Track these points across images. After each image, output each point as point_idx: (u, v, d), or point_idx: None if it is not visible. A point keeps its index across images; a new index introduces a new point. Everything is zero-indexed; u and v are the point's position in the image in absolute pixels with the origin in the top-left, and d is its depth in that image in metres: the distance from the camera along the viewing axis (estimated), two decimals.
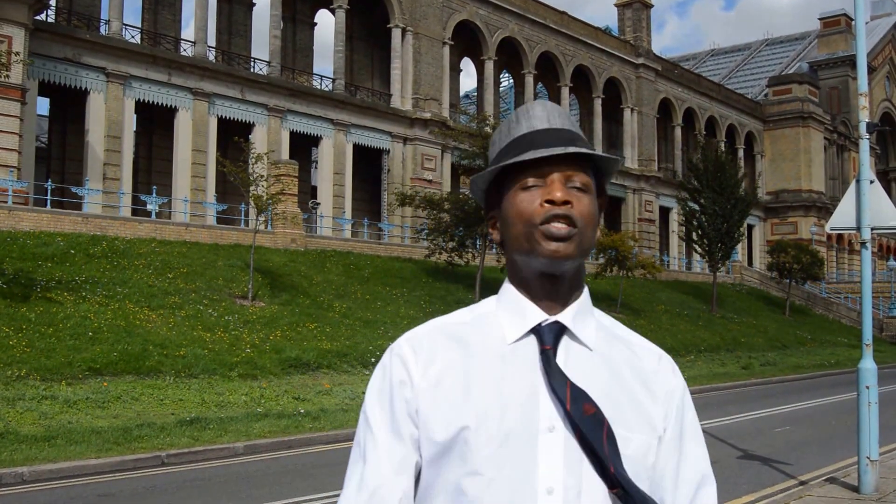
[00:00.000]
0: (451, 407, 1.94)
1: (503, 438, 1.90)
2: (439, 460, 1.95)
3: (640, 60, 77.73)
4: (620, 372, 2.02)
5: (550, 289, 2.02)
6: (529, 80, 67.82)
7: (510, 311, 2.05)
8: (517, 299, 2.05)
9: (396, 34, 57.54)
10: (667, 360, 2.12)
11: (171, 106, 46.55)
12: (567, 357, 1.99)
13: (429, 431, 1.95)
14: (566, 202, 1.95)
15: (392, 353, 2.06)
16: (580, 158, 2.01)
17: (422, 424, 1.97)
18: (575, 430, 1.89)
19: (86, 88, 42.94)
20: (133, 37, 47.39)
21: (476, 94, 75.44)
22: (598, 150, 37.04)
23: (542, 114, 2.07)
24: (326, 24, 61.20)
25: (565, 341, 2.01)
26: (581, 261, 2.01)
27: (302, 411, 20.78)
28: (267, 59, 52.41)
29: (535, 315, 2.01)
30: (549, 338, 1.98)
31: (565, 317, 2.01)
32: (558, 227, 1.93)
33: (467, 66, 71.32)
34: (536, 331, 2.00)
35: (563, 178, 1.98)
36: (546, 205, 1.96)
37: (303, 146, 55.68)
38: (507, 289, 2.09)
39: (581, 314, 2.04)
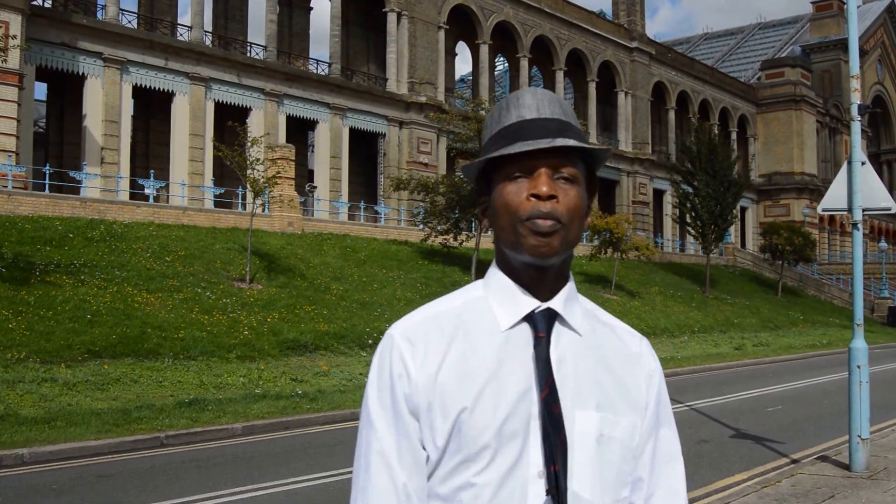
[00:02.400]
0: (449, 397, 1.95)
1: (500, 423, 1.92)
2: (439, 451, 1.96)
3: (634, 44, 77.68)
4: (607, 356, 2.06)
5: (538, 278, 2.03)
6: (524, 63, 67.76)
7: (501, 298, 2.05)
8: (507, 286, 2.06)
9: (392, 18, 57.49)
10: (646, 343, 2.17)
11: (168, 91, 46.57)
12: (558, 343, 2.01)
13: (431, 424, 1.96)
14: (551, 196, 1.95)
15: (389, 347, 2.03)
16: (569, 148, 2.00)
17: (423, 417, 1.97)
18: (542, 423, 1.93)
19: (83, 73, 42.94)
20: (130, 22, 47.37)
21: (471, 77, 75.41)
22: (593, 133, 37.03)
23: (531, 102, 2.04)
24: (322, 9, 61.12)
25: (557, 328, 2.02)
26: (568, 253, 2.02)
27: (299, 392, 20.86)
28: (263, 44, 52.38)
29: (528, 302, 2.02)
30: (542, 325, 2.00)
31: (556, 303, 2.03)
32: (543, 223, 1.93)
33: (462, 50, 71.18)
34: (530, 317, 2.01)
35: (550, 170, 1.97)
36: (532, 199, 1.95)
37: (299, 130, 55.71)
38: (496, 274, 2.10)
39: (570, 300, 2.06)
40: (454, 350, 1.99)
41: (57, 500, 11.33)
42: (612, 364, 2.06)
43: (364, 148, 58.15)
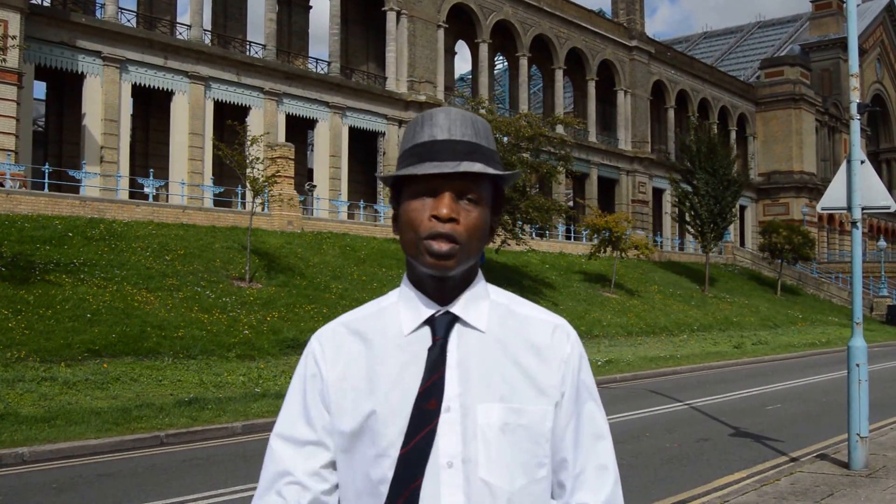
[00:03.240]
0: (357, 396, 2.12)
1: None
2: (351, 448, 2.12)
3: (634, 43, 77.72)
4: (513, 349, 2.16)
5: (440, 286, 2.15)
6: (524, 62, 67.82)
7: (407, 305, 2.19)
8: (414, 293, 2.20)
9: (391, 17, 57.51)
10: (561, 329, 2.22)
11: (167, 89, 46.57)
12: (459, 343, 2.13)
13: (340, 421, 2.13)
14: (451, 219, 2.04)
15: (307, 348, 2.24)
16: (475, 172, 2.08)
17: (333, 414, 2.15)
18: (411, 417, 2.06)
19: (82, 72, 42.94)
20: (129, 20, 47.35)
21: (471, 76, 75.42)
22: (592, 132, 37.12)
23: (444, 122, 2.12)
24: (322, 7, 61.12)
25: (459, 329, 2.15)
26: (466, 266, 2.13)
27: None
28: (263, 43, 52.39)
29: (428, 308, 2.16)
30: (440, 328, 2.13)
31: (456, 307, 2.16)
32: (439, 246, 2.04)
33: (462, 49, 71.17)
34: (431, 321, 2.15)
35: (454, 192, 2.06)
36: (432, 220, 2.05)
37: (299, 129, 55.73)
38: (405, 282, 2.25)
39: (473, 300, 2.18)
40: (361, 353, 2.17)
41: (57, 498, 11.33)
42: (518, 356, 2.16)
43: (363, 146, 58.18)
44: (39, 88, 50.54)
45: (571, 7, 72.46)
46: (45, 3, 44.13)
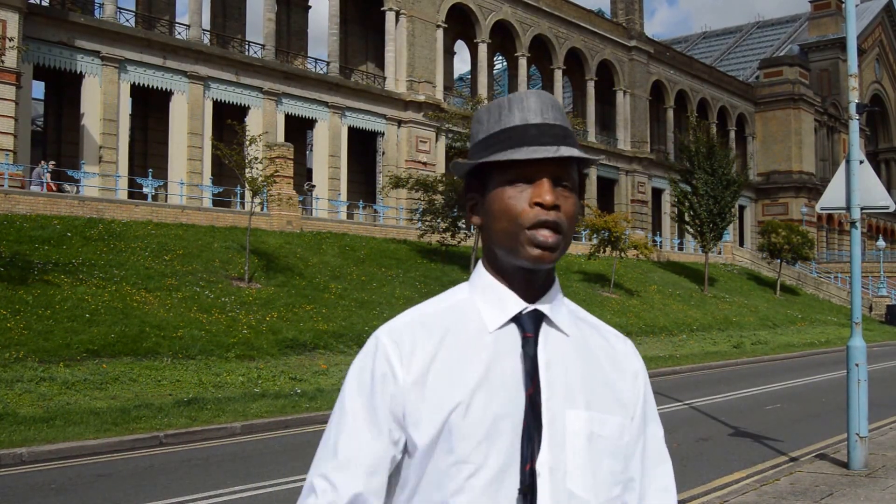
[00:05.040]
0: (438, 398, 1.94)
1: (491, 424, 1.92)
2: (426, 453, 1.95)
3: (633, 43, 77.77)
4: (595, 355, 2.07)
5: (527, 280, 2.03)
6: (523, 62, 67.83)
7: (489, 299, 2.05)
8: (495, 287, 2.05)
9: (390, 17, 57.53)
10: (630, 343, 2.17)
11: (166, 89, 46.56)
12: (546, 343, 2.01)
13: (417, 425, 1.95)
14: (555, 207, 1.95)
15: (374, 347, 2.04)
16: (570, 157, 2.00)
17: (409, 418, 1.96)
18: (525, 421, 1.93)
19: (81, 72, 42.93)
20: (128, 20, 47.33)
21: (470, 76, 75.37)
22: (591, 132, 37.26)
23: (536, 106, 2.03)
24: (321, 7, 61.14)
25: (544, 328, 2.02)
26: (561, 257, 2.03)
27: (299, 391, 20.84)
28: (262, 43, 52.38)
29: (516, 304, 2.02)
30: (529, 326, 2.00)
31: (543, 305, 2.03)
32: (545, 236, 1.93)
33: (461, 49, 71.18)
34: (517, 319, 2.01)
35: (553, 178, 1.98)
36: (535, 207, 1.94)
37: (298, 129, 55.79)
38: (483, 275, 2.09)
39: (556, 302, 2.07)
40: (443, 352, 1.99)
41: (56, 499, 11.32)
42: (600, 363, 2.08)
43: (363, 146, 58.18)
44: (38, 88, 50.52)
45: (570, 7, 72.48)
46: (44, 3, 44.09)
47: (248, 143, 32.23)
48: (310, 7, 62.48)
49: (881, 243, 74.75)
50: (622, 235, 48.28)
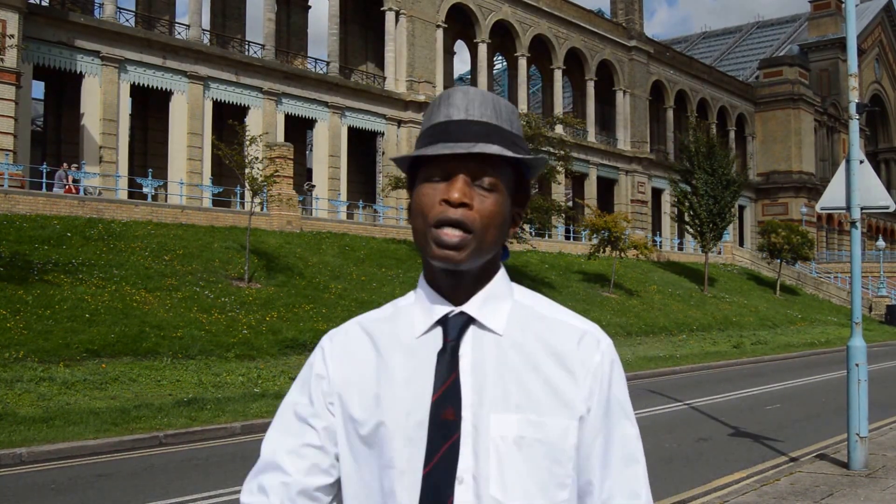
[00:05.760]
0: (365, 402, 1.97)
1: (413, 429, 1.90)
2: (359, 453, 1.97)
3: (633, 43, 77.79)
4: (533, 355, 1.97)
5: (455, 283, 1.99)
6: (522, 62, 67.87)
7: (421, 304, 2.03)
8: (427, 292, 2.03)
9: (390, 17, 57.55)
10: (591, 336, 2.02)
11: (166, 89, 46.58)
12: (474, 346, 1.96)
13: (351, 425, 1.98)
14: (463, 204, 1.89)
15: (318, 347, 2.11)
16: (493, 154, 1.92)
17: (341, 417, 2.01)
18: (429, 428, 1.90)
19: (81, 72, 42.94)
20: (127, 20, 47.35)
21: (470, 76, 75.39)
22: (591, 132, 36.83)
23: (461, 102, 1.96)
24: (321, 7, 61.15)
25: (473, 331, 1.97)
26: (482, 260, 1.96)
27: None
28: (261, 43, 52.39)
29: (442, 307, 1.99)
30: (453, 330, 1.96)
31: (471, 307, 1.98)
32: (448, 234, 1.88)
33: (461, 49, 71.21)
34: (444, 322, 1.98)
35: (469, 176, 1.91)
36: (443, 204, 1.90)
37: (298, 129, 55.81)
38: (420, 280, 2.08)
39: (491, 300, 2.01)
40: (371, 356, 2.02)
41: (55, 499, 11.31)
42: (539, 363, 1.97)
43: (363, 146, 58.19)
44: (38, 88, 50.52)
45: (570, 7, 72.51)
46: (44, 3, 44.11)
47: (247, 143, 32.23)
48: (310, 7, 62.50)
49: (881, 243, 74.73)
50: (622, 235, 48.29)
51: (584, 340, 2.00)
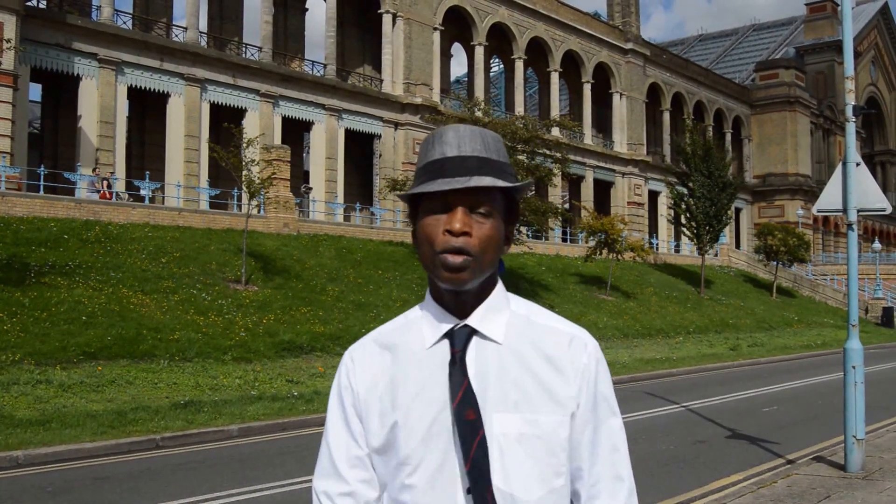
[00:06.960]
0: (383, 408, 2.23)
1: (426, 433, 2.17)
2: (379, 456, 2.25)
3: (629, 46, 77.86)
4: (529, 360, 2.23)
5: (458, 299, 2.24)
6: (519, 65, 67.95)
7: (428, 318, 2.29)
8: (433, 307, 2.29)
9: (387, 20, 57.58)
10: (579, 340, 2.27)
11: (163, 92, 46.56)
12: (477, 355, 2.21)
13: (369, 431, 2.26)
14: (464, 233, 2.13)
15: (342, 363, 2.36)
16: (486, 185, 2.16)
17: (365, 424, 2.27)
18: (457, 429, 2.15)
19: (78, 74, 42.92)
20: (125, 22, 47.33)
21: (466, 79, 75.46)
22: (588, 134, 37.17)
23: (453, 140, 2.21)
24: (318, 10, 61.18)
25: (476, 342, 2.23)
26: (482, 279, 2.21)
27: (295, 394, 20.86)
28: (259, 45, 52.39)
29: (448, 322, 2.25)
30: (459, 341, 2.21)
31: (473, 320, 2.24)
32: (453, 259, 2.13)
33: (458, 51, 71.31)
34: (450, 335, 2.24)
35: (467, 206, 2.16)
36: (446, 234, 2.14)
37: (295, 131, 55.78)
38: (427, 297, 2.33)
39: (490, 312, 2.26)
40: (387, 367, 2.29)
41: (52, 502, 11.31)
42: (534, 366, 2.22)
43: (359, 149, 58.20)
44: (35, 91, 50.44)
45: (567, 10, 72.57)
46: (41, 5, 44.11)
47: (244, 145, 32.21)
48: (307, 9, 62.51)
49: (877, 245, 74.88)
50: (619, 238, 48.32)
51: (573, 344, 2.27)
